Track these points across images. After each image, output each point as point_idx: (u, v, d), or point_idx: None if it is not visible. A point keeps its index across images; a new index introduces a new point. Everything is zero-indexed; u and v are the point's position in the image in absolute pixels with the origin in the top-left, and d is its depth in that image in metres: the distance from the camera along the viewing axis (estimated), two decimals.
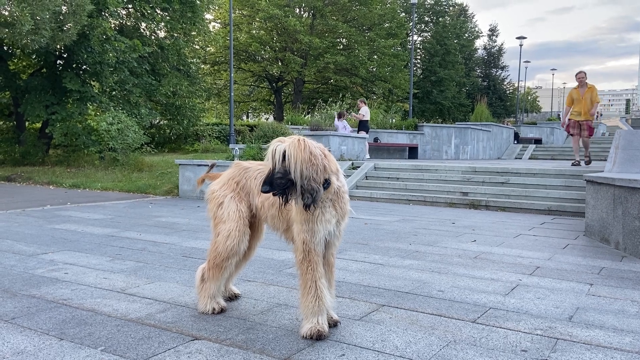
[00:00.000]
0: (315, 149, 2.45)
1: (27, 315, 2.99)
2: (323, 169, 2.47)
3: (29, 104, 15.07)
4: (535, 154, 20.57)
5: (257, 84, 37.90)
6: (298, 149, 2.39)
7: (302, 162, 2.39)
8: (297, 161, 2.38)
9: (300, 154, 2.39)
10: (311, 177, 2.40)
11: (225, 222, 2.94)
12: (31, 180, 12.35)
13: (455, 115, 41.83)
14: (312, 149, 2.43)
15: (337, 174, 2.62)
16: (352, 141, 13.50)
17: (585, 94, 10.81)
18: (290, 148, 2.39)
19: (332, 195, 2.59)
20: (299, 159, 2.39)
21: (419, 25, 45.08)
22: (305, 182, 2.39)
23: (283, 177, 2.39)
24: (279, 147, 2.39)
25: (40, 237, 5.43)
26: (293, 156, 2.38)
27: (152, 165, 13.50)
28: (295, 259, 2.70)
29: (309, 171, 2.40)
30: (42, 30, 12.51)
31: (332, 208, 2.61)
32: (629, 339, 2.75)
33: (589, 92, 10.76)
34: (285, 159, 2.39)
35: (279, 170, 2.39)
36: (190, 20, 19.16)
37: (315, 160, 2.42)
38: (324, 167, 2.48)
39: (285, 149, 2.39)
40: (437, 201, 9.16)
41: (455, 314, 3.11)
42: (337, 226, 2.68)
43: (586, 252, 5.11)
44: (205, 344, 2.60)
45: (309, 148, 2.42)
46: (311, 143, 2.47)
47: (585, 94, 10.79)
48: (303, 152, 2.39)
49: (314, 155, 2.42)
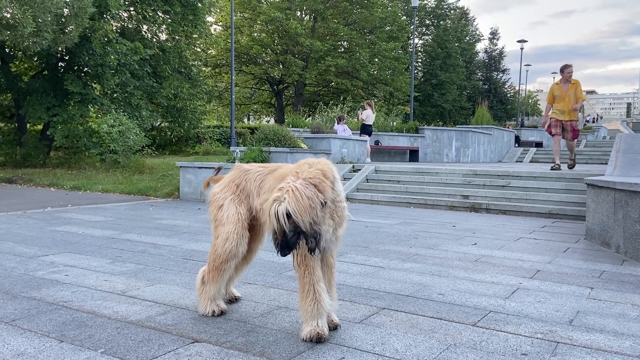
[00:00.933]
0: (308, 191, 2.40)
1: (27, 317, 2.99)
2: (321, 206, 2.43)
3: (30, 106, 15.09)
4: (536, 157, 20.57)
5: (258, 87, 37.95)
6: (297, 202, 2.36)
7: (305, 212, 2.37)
8: (302, 214, 2.36)
9: (301, 205, 2.36)
10: (314, 222, 2.39)
11: (224, 224, 2.95)
12: (32, 182, 12.36)
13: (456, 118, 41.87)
14: (306, 193, 2.39)
15: (333, 183, 2.58)
16: (353, 144, 13.50)
17: (568, 90, 9.87)
18: (291, 205, 2.35)
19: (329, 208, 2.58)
20: (302, 211, 2.36)
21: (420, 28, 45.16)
22: (309, 229, 2.38)
23: (295, 234, 2.38)
24: (280, 208, 2.35)
25: (41, 239, 5.43)
26: (297, 212, 2.35)
27: (153, 168, 13.51)
28: (294, 262, 2.70)
29: (312, 217, 2.38)
30: (44, 33, 12.53)
31: (330, 219, 2.59)
32: (629, 343, 2.75)
33: (572, 89, 9.83)
34: (291, 217, 2.36)
35: (289, 230, 2.38)
36: (191, 23, 19.21)
37: (313, 203, 2.39)
38: (322, 202, 2.46)
39: (287, 209, 2.35)
40: (437, 204, 9.16)
41: (455, 317, 3.11)
42: (334, 233, 2.66)
43: (587, 255, 5.10)
44: (206, 347, 2.60)
45: (304, 194, 2.38)
46: (302, 186, 2.41)
47: (568, 91, 9.86)
48: (302, 202, 2.36)
49: (310, 199, 2.39)
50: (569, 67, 10.02)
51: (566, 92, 9.82)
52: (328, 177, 2.54)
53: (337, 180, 2.63)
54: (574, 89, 9.79)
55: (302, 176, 2.46)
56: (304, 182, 2.43)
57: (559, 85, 9.98)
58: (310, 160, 2.65)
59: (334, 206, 2.59)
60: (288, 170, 2.86)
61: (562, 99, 9.92)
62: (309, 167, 2.55)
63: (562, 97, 9.91)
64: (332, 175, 2.59)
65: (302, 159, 2.84)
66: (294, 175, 2.47)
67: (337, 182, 2.63)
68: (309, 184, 2.43)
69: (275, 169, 2.97)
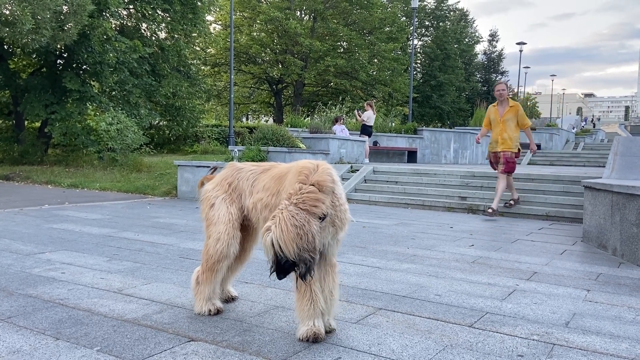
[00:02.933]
0: (296, 220, 2.39)
1: (23, 315, 2.99)
2: (313, 235, 2.42)
3: (28, 103, 15.06)
4: (533, 160, 20.60)
5: (257, 86, 37.93)
6: (282, 233, 2.36)
7: (291, 243, 2.36)
8: (287, 244, 2.36)
9: (286, 236, 2.35)
10: (302, 249, 2.38)
11: (215, 224, 2.94)
12: (29, 179, 12.33)
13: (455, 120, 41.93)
14: (293, 223, 2.38)
15: (333, 189, 2.56)
16: (352, 144, 13.50)
17: (505, 114, 7.94)
18: (276, 235, 2.36)
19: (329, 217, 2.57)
20: (288, 241, 2.35)
21: (419, 29, 45.19)
22: (297, 257, 2.38)
23: (287, 261, 2.39)
24: (268, 238, 2.37)
25: (38, 237, 5.42)
26: (283, 243, 2.35)
27: (150, 166, 13.50)
28: None
29: (300, 246, 2.37)
30: (43, 30, 12.51)
31: (331, 224, 2.58)
32: (625, 345, 2.76)
33: (511, 113, 7.92)
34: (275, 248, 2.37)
35: (280, 257, 2.39)
36: (191, 22, 19.19)
37: (301, 231, 2.38)
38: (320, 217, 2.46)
39: (272, 239, 2.37)
40: (435, 205, 9.16)
41: (452, 318, 3.11)
42: (334, 236, 2.65)
43: (584, 258, 5.11)
44: (202, 346, 2.59)
45: (290, 225, 2.37)
46: (289, 215, 2.39)
47: (505, 115, 7.94)
48: (288, 233, 2.36)
49: (298, 227, 2.38)
50: (499, 84, 8.28)
51: (502, 116, 7.98)
52: (325, 189, 2.51)
53: (337, 184, 2.60)
54: (514, 114, 7.92)
55: (293, 200, 2.45)
56: (294, 210, 2.41)
57: (496, 107, 8.14)
58: (308, 164, 2.61)
59: (334, 211, 2.57)
60: (283, 170, 2.85)
61: (496, 125, 8.06)
62: (306, 178, 2.51)
63: (497, 122, 8.05)
64: (332, 181, 2.56)
65: (300, 159, 2.84)
66: (287, 199, 2.47)
67: (337, 186, 2.60)
68: (299, 211, 2.42)
69: (270, 168, 2.95)
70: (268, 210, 2.81)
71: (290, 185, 2.64)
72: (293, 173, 2.67)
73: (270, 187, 2.82)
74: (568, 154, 22.19)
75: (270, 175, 2.87)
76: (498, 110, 8.02)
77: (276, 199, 2.77)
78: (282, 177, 2.80)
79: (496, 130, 8.02)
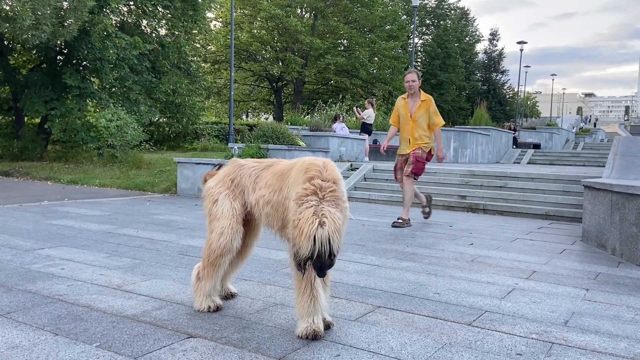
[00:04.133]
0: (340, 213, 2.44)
1: (22, 310, 2.99)
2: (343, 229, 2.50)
3: (28, 99, 15.05)
4: (533, 159, 20.61)
5: (257, 84, 37.91)
6: (335, 227, 2.39)
7: (340, 237, 2.43)
8: (339, 239, 2.42)
9: (338, 229, 2.40)
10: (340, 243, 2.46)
11: (219, 219, 2.95)
12: (29, 175, 12.32)
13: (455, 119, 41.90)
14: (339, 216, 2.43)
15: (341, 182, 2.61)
16: (352, 142, 13.50)
17: (417, 110, 6.61)
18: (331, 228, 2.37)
19: None
20: (339, 235, 2.41)
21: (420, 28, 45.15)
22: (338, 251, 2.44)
23: (332, 254, 2.41)
24: (324, 231, 2.37)
25: (37, 233, 5.42)
26: (335, 236, 2.39)
27: (150, 163, 13.48)
28: (289, 259, 2.70)
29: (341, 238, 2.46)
30: (43, 26, 12.49)
31: None
32: (624, 345, 2.76)
33: (422, 109, 6.62)
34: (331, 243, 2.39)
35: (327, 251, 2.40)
36: (191, 19, 19.16)
37: (342, 226, 2.45)
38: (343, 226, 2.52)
39: (329, 235, 2.38)
40: (435, 204, 9.16)
41: (451, 317, 3.12)
42: None
43: (583, 257, 5.12)
44: (201, 342, 2.59)
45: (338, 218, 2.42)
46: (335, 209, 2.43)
47: (416, 111, 6.61)
48: (338, 227, 2.40)
49: (341, 221, 2.45)
50: (409, 73, 6.78)
51: (412, 113, 6.64)
52: (340, 187, 2.56)
53: (342, 182, 2.63)
54: (425, 110, 6.61)
55: (326, 196, 2.46)
56: (334, 203, 2.46)
57: (405, 100, 6.77)
58: (315, 161, 2.62)
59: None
60: (285, 167, 2.85)
61: (407, 122, 6.68)
62: (319, 174, 2.54)
63: (407, 119, 6.68)
64: (340, 179, 2.61)
65: (302, 157, 2.84)
66: (313, 194, 2.46)
67: (342, 184, 2.62)
68: (337, 205, 2.47)
69: (271, 165, 2.96)
70: (270, 206, 2.82)
71: (295, 182, 2.65)
72: (298, 170, 2.67)
73: (272, 184, 2.83)
74: (568, 153, 22.21)
75: (273, 172, 2.88)
76: (408, 104, 6.68)
77: (278, 196, 2.77)
78: (284, 174, 2.80)
79: (406, 128, 6.66)
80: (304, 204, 2.44)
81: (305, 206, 2.43)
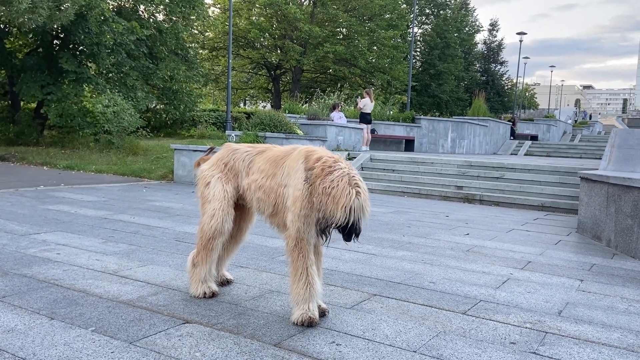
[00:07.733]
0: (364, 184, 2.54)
1: (18, 294, 2.98)
2: None
3: (24, 84, 14.91)
4: (531, 151, 20.63)
5: (256, 71, 37.68)
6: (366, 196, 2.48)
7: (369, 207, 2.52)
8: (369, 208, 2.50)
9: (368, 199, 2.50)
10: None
11: (210, 202, 2.96)
12: (25, 160, 12.26)
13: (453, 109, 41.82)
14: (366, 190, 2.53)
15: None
16: (349, 132, 13.47)
17: None
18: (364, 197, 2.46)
19: None
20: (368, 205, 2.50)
21: (419, 17, 44.85)
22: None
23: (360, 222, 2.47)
24: (358, 204, 2.43)
25: (33, 218, 5.40)
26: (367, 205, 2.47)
27: (147, 150, 13.43)
28: (286, 246, 2.70)
29: None
30: (40, 9, 12.33)
31: None
32: (617, 335, 2.78)
33: None
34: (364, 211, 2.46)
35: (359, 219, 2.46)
36: (189, 4, 18.94)
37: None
38: None
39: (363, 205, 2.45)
40: (431, 194, 9.18)
41: (445, 306, 3.13)
42: None
43: (578, 248, 5.14)
44: (197, 328, 2.60)
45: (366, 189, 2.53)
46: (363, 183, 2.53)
47: None
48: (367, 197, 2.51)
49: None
50: None
51: None
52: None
53: None
54: None
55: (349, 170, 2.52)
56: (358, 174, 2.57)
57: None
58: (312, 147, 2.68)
59: None
60: (279, 153, 2.85)
61: None
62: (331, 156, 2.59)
63: None
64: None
65: (296, 145, 2.86)
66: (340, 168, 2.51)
67: None
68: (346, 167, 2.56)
69: (265, 150, 2.96)
70: (262, 191, 2.83)
71: (292, 169, 2.66)
72: (295, 158, 2.68)
73: (265, 170, 2.84)
74: (565, 145, 22.22)
75: (266, 158, 2.88)
76: None
77: (271, 182, 2.78)
78: (278, 161, 2.80)
79: None
80: (335, 171, 2.47)
81: (337, 174, 2.46)
